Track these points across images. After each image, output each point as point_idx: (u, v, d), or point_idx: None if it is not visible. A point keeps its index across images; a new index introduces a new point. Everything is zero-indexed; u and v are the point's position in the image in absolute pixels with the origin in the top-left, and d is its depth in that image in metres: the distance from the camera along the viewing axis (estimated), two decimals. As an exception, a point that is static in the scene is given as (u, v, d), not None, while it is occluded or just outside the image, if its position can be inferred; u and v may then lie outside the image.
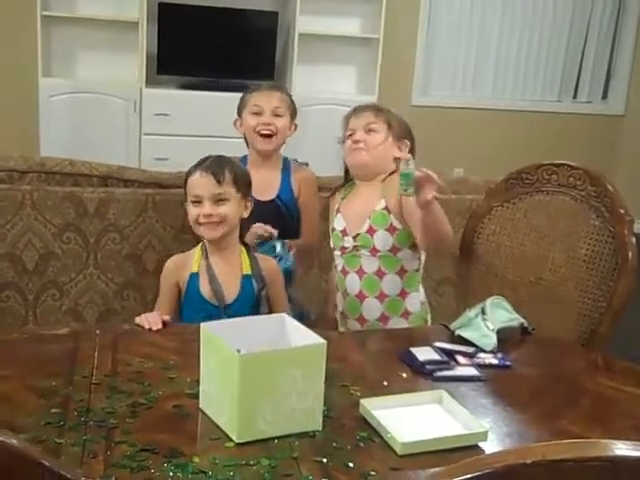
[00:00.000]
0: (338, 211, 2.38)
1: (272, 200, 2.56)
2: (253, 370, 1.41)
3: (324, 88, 5.45)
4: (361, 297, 2.31)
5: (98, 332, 1.86)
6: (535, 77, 6.15)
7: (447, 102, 5.96)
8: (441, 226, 2.09)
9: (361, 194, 2.35)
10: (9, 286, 2.76)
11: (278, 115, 2.57)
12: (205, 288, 2.15)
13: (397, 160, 2.25)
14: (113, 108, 5.03)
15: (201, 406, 1.53)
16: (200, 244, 2.22)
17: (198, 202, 2.14)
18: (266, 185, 2.57)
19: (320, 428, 1.47)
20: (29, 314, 2.77)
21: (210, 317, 1.94)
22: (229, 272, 2.17)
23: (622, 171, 5.88)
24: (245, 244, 2.24)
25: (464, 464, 0.88)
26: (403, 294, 2.29)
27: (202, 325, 1.54)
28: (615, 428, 1.57)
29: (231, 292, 2.15)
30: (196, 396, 1.54)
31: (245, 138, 2.64)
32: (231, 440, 1.41)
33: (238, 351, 1.41)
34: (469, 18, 5.90)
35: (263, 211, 2.47)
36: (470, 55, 5.99)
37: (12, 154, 2.93)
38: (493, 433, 1.49)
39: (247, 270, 2.18)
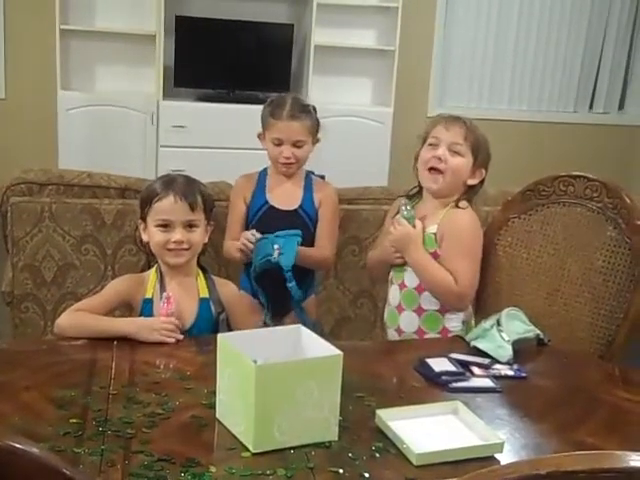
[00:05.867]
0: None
1: (295, 210, 2.57)
2: (269, 380, 1.42)
3: (340, 100, 5.46)
4: (399, 309, 2.29)
5: (115, 343, 1.87)
6: (551, 88, 6.13)
7: (463, 113, 5.93)
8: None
9: (423, 209, 2.29)
10: (28, 297, 2.79)
11: (298, 147, 2.54)
12: (159, 313, 2.04)
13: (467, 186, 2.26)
14: (131, 121, 5.07)
15: (218, 416, 1.54)
16: (155, 267, 2.13)
17: (166, 226, 2.06)
18: (288, 196, 2.59)
19: (336, 438, 1.48)
20: (48, 325, 2.79)
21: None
22: (185, 296, 2.08)
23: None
24: (203, 267, 2.18)
25: (477, 475, 0.88)
26: (442, 310, 2.24)
27: (219, 336, 1.55)
28: (632, 439, 1.57)
29: (187, 316, 2.06)
30: (213, 406, 1.55)
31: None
32: (247, 450, 1.42)
33: (254, 362, 1.42)
34: (485, 29, 5.89)
35: (286, 220, 2.50)
36: (486, 66, 5.99)
37: (32, 167, 2.95)
38: (509, 444, 1.50)
39: (204, 294, 2.11)
